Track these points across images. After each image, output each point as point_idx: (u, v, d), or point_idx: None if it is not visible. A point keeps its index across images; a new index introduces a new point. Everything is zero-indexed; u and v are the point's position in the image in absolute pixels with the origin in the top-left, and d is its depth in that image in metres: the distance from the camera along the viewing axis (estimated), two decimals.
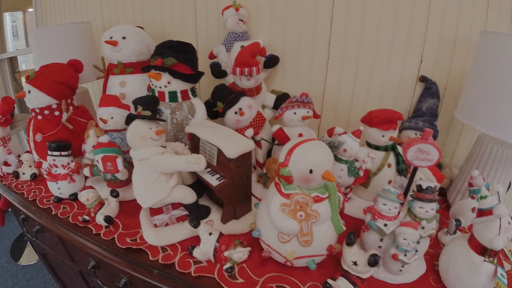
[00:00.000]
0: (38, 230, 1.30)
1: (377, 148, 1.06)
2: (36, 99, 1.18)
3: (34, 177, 1.33)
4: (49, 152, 1.14)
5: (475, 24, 1.07)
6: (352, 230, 0.80)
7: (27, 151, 1.38)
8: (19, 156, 1.38)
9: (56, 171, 1.14)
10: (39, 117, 1.21)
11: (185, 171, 1.01)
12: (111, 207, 1.06)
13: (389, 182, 1.08)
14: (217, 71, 1.28)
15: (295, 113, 1.12)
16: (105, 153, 1.07)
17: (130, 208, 1.11)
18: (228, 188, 0.95)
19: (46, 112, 1.20)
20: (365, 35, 1.18)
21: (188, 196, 0.96)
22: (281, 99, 1.29)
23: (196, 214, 0.99)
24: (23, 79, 3.08)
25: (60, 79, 1.20)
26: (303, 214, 0.78)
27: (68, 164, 1.15)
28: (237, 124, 1.19)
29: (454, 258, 0.78)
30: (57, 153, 1.13)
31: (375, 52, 1.19)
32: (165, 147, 0.95)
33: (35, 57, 1.47)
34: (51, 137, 1.20)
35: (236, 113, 1.18)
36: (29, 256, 2.38)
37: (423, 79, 1.19)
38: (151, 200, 0.93)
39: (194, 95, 1.18)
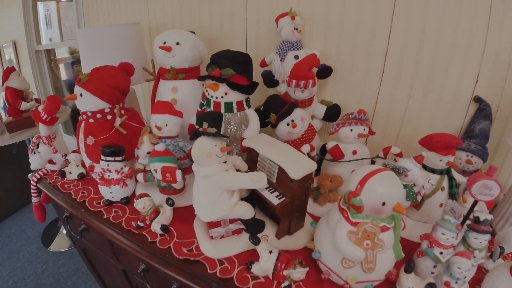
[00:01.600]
0: (84, 229, 1.29)
1: (432, 171, 1.02)
2: (89, 102, 1.14)
3: (81, 176, 1.31)
4: (103, 157, 1.11)
5: None
6: (412, 258, 0.79)
7: (74, 151, 1.36)
8: (65, 155, 1.35)
9: (109, 175, 1.11)
10: (91, 120, 1.17)
11: None
12: (166, 215, 1.03)
13: (441, 205, 1.04)
14: (270, 80, 1.23)
15: (351, 130, 1.07)
16: (162, 162, 1.04)
17: (183, 215, 1.08)
18: (287, 207, 0.92)
19: (99, 115, 1.16)
20: (423, 51, 1.12)
21: (248, 212, 0.93)
22: (332, 110, 1.24)
23: (252, 228, 0.96)
24: (62, 69, 3.04)
25: (114, 83, 1.16)
26: (370, 243, 0.75)
27: (122, 169, 1.12)
28: (289, 136, 1.14)
29: (497, 286, 0.76)
30: (111, 158, 1.10)
31: (431, 69, 1.13)
32: (225, 162, 0.92)
33: (82, 57, 1.43)
34: (104, 141, 1.16)
35: (288, 124, 1.14)
36: (60, 243, 2.39)
37: (477, 99, 1.13)
38: (213, 216, 0.90)
39: (249, 105, 1.14)
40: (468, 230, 0.83)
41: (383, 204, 0.73)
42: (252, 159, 1.03)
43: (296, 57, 1.22)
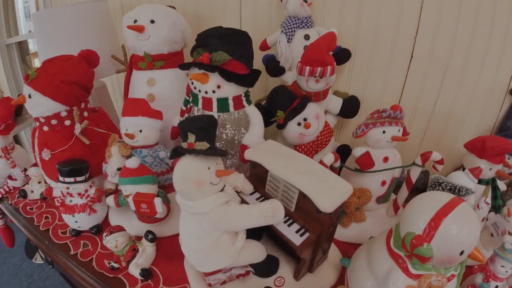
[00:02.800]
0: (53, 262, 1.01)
1: (478, 181, 0.76)
2: (40, 105, 0.83)
3: (44, 196, 1.01)
4: (60, 178, 0.81)
5: None
6: None
7: (35, 164, 1.05)
8: (25, 170, 1.05)
9: (71, 201, 0.82)
10: (45, 128, 0.86)
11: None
12: (147, 254, 0.75)
13: (483, 219, 0.79)
14: (275, 67, 0.92)
15: (384, 132, 0.78)
16: (135, 184, 0.75)
17: (169, 248, 0.80)
18: (313, 245, 0.65)
19: (54, 122, 0.85)
20: (459, 34, 0.84)
21: (260, 255, 0.65)
22: (349, 104, 0.95)
23: (264, 271, 0.69)
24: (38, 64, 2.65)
25: (70, 78, 0.84)
26: None
27: (86, 191, 0.83)
28: (301, 138, 0.86)
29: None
30: (71, 179, 0.80)
31: (467, 56, 0.86)
32: (223, 188, 0.63)
33: (39, 47, 1.09)
34: (62, 154, 0.86)
35: (299, 124, 0.85)
36: None
37: None
38: (212, 267, 0.63)
39: (249, 102, 0.84)
40: None
41: (461, 253, 0.48)
42: (257, 175, 0.75)
43: (307, 37, 0.91)
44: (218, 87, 0.77)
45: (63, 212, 0.83)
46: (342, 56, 0.93)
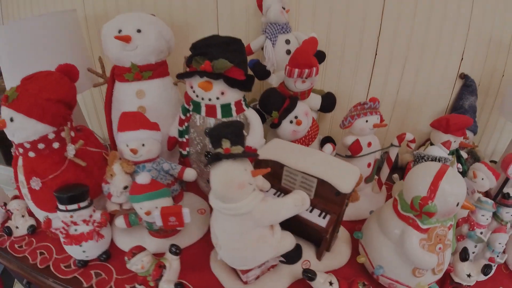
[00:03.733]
0: None
1: None
2: (24, 129, 0.73)
3: (32, 230, 0.88)
4: (61, 207, 0.73)
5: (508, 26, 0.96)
6: (466, 247, 0.73)
7: (16, 196, 0.91)
8: (4, 204, 0.90)
9: (76, 230, 0.74)
10: (31, 154, 0.76)
11: None
12: (174, 268, 0.71)
13: None
14: (261, 71, 0.94)
15: (366, 121, 0.88)
16: (154, 199, 0.72)
17: (190, 259, 0.78)
18: (333, 224, 0.71)
19: (41, 146, 0.76)
20: (415, 32, 0.99)
21: (292, 242, 0.69)
22: (327, 100, 1.03)
23: (293, 258, 0.73)
24: None
25: (55, 95, 0.76)
26: (442, 246, 0.65)
27: (91, 216, 0.76)
28: (294, 135, 0.91)
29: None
30: (74, 206, 0.73)
31: (422, 49, 1.01)
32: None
33: (3, 65, 0.93)
34: (55, 181, 0.77)
35: (291, 122, 0.90)
36: None
37: (463, 76, 1.05)
38: (258, 261, 0.65)
39: (247, 105, 0.86)
40: (499, 206, 0.81)
41: (457, 204, 0.61)
42: (269, 173, 0.77)
43: (288, 41, 0.96)
44: (222, 93, 0.78)
45: (68, 243, 0.74)
46: (318, 57, 1.00)
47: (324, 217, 0.70)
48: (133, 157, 0.79)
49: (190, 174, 0.83)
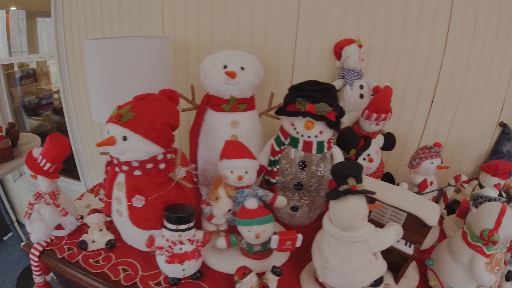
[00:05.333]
0: None
1: None
2: (138, 149, 0.72)
3: (111, 245, 0.84)
4: (170, 226, 0.71)
5: None
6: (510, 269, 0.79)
7: (95, 210, 0.87)
8: (81, 217, 0.86)
9: (181, 249, 0.72)
10: (137, 172, 0.74)
11: None
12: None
13: None
14: (341, 112, 1.00)
15: (432, 163, 0.95)
16: (264, 224, 0.73)
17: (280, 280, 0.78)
18: (417, 253, 0.75)
19: (149, 165, 0.74)
20: (467, 83, 1.08)
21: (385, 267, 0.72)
22: (389, 139, 1.10)
23: (379, 282, 0.75)
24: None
25: (168, 119, 0.76)
26: (498, 268, 0.73)
27: (194, 236, 0.74)
28: (366, 171, 0.96)
29: None
30: (184, 226, 0.72)
31: (471, 99, 1.10)
32: None
33: (92, 77, 0.92)
34: (158, 201, 0.75)
35: (364, 159, 0.95)
36: None
37: (503, 125, 1.16)
38: (365, 283, 0.67)
39: (334, 143, 0.90)
40: None
41: None
42: None
43: (361, 87, 1.03)
44: (321, 132, 0.82)
45: (170, 261, 0.72)
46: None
47: (409, 246, 0.74)
48: (236, 183, 0.79)
49: (281, 201, 0.84)
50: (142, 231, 0.78)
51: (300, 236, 0.71)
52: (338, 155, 0.89)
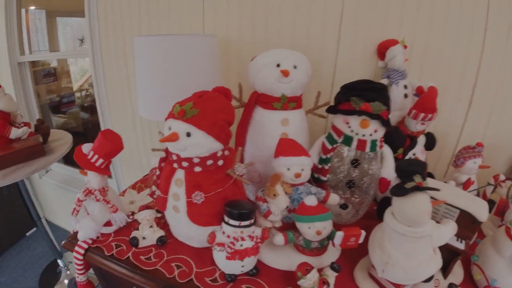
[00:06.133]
0: None
1: None
2: (201, 146, 0.70)
3: (163, 242, 0.82)
4: (233, 222, 0.69)
5: None
6: None
7: (147, 206, 0.85)
8: (132, 213, 0.83)
9: (242, 245, 0.70)
10: (197, 169, 0.72)
11: None
12: (332, 284, 0.70)
13: None
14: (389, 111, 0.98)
15: (474, 162, 0.94)
16: (324, 220, 0.71)
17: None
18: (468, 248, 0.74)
19: (210, 162, 0.73)
20: (504, 83, 1.04)
21: None
22: (431, 139, 1.07)
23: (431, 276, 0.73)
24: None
25: (227, 117, 0.74)
26: None
27: (253, 232, 0.72)
28: None
29: None
30: (247, 222, 0.70)
31: (508, 99, 1.05)
32: None
33: (139, 76, 0.90)
34: (217, 197, 0.73)
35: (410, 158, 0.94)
36: None
37: None
38: (425, 277, 0.65)
39: (384, 142, 0.88)
40: None
41: None
42: None
43: (405, 87, 1.01)
44: (375, 131, 0.80)
45: (231, 258, 0.70)
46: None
47: (461, 242, 0.73)
48: (293, 180, 0.77)
49: (334, 199, 0.82)
50: (199, 228, 0.76)
51: (363, 233, 0.69)
52: (389, 154, 0.87)
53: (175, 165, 0.75)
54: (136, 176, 1.71)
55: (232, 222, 0.69)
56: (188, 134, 0.68)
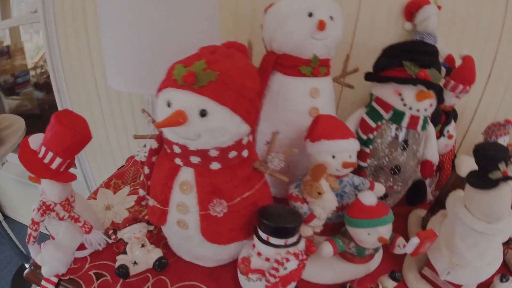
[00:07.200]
0: None
1: None
2: (223, 131, 0.43)
3: (163, 266, 0.55)
4: (279, 242, 0.46)
5: None
6: None
7: (132, 218, 0.56)
8: (114, 232, 0.54)
9: (286, 268, 0.48)
10: (215, 165, 0.46)
11: None
12: None
13: None
14: None
15: (504, 140, 0.83)
16: (386, 223, 0.52)
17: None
18: None
19: (233, 154, 0.46)
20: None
21: None
22: (451, 116, 0.95)
23: None
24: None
25: (254, 83, 0.47)
26: None
27: (297, 247, 0.50)
28: (445, 148, 0.79)
29: None
30: (293, 239, 0.47)
31: None
32: None
33: (106, 36, 0.56)
34: (243, 204, 0.49)
35: (444, 136, 0.79)
36: None
37: None
38: (489, 275, 0.53)
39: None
40: None
41: None
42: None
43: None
44: (430, 105, 0.61)
45: (274, 286, 0.48)
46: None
47: None
48: (339, 171, 0.56)
49: (380, 189, 0.63)
50: (218, 247, 0.51)
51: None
52: (433, 133, 0.70)
53: (178, 161, 0.47)
54: (107, 167, 1.33)
55: (274, 241, 0.46)
56: (203, 113, 0.41)
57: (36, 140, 0.49)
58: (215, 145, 0.44)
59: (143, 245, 0.55)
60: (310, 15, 0.58)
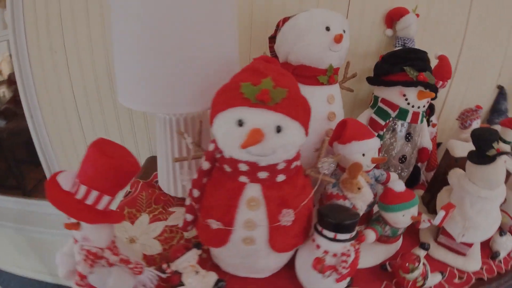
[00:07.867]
0: None
1: None
2: (293, 144, 0.45)
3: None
4: (345, 237, 0.50)
5: None
6: None
7: (184, 246, 0.53)
8: (168, 265, 0.50)
9: (347, 264, 0.52)
10: (281, 178, 0.48)
11: None
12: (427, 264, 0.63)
13: None
14: None
15: (477, 123, 0.95)
16: (414, 205, 0.61)
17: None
18: None
19: (294, 164, 0.49)
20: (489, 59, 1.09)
21: None
22: (434, 108, 1.08)
23: None
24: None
25: (304, 96, 0.50)
26: None
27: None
28: (431, 135, 0.92)
29: None
30: (355, 232, 0.52)
31: (482, 69, 1.10)
32: None
33: (118, 50, 0.50)
34: (303, 211, 0.52)
35: (428, 125, 0.93)
36: None
37: (499, 87, 1.16)
38: (493, 232, 0.66)
39: None
40: None
41: None
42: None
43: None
44: (427, 102, 0.73)
45: (341, 279, 0.51)
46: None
47: None
48: (369, 166, 0.63)
49: (395, 177, 0.72)
50: (281, 255, 0.53)
51: None
52: (426, 125, 0.83)
53: (243, 178, 0.47)
54: None
55: (341, 236, 0.50)
56: (279, 129, 0.42)
57: (66, 179, 0.43)
58: (284, 159, 0.46)
59: (197, 272, 0.53)
60: (328, 29, 0.63)
